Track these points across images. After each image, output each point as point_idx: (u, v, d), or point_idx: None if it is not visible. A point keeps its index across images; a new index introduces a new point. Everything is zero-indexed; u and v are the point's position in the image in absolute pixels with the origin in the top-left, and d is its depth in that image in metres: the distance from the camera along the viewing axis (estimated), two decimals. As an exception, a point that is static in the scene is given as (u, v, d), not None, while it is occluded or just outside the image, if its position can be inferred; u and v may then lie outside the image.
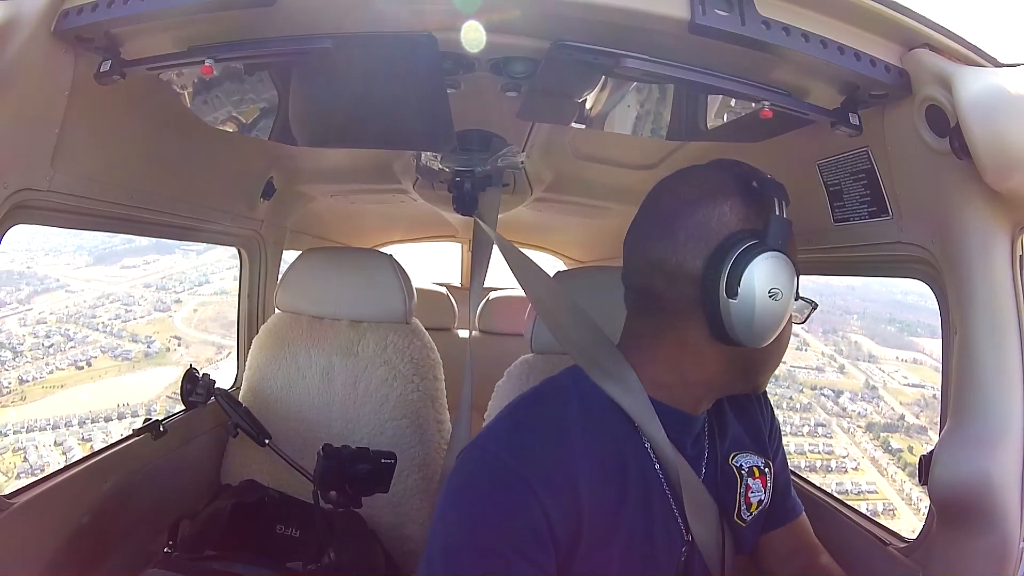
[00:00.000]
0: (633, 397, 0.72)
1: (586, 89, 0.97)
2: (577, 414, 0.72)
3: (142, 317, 8.43)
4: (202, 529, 1.27)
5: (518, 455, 0.66)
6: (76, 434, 7.01)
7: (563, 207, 2.00)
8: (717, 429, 0.80)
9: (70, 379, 7.67)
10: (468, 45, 0.77)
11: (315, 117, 1.12)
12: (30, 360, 7.67)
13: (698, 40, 0.70)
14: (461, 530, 0.65)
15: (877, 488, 7.09)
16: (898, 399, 8.15)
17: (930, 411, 7.95)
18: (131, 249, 8.65)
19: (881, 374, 8.46)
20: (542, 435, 0.69)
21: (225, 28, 0.80)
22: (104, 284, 8.72)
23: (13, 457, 6.83)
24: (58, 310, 8.26)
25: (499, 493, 0.65)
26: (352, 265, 1.66)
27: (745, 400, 0.86)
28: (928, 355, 8.40)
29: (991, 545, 0.70)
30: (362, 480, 1.23)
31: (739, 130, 0.99)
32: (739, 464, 0.80)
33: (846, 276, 1.15)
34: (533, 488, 0.64)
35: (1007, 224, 0.71)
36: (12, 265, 8.08)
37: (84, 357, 7.86)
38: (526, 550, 0.63)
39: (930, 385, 8.08)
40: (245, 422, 1.44)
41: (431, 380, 1.59)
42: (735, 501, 0.79)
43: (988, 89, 0.65)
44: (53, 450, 6.86)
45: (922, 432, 7.85)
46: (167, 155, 1.21)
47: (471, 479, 0.68)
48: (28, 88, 0.81)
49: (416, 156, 1.55)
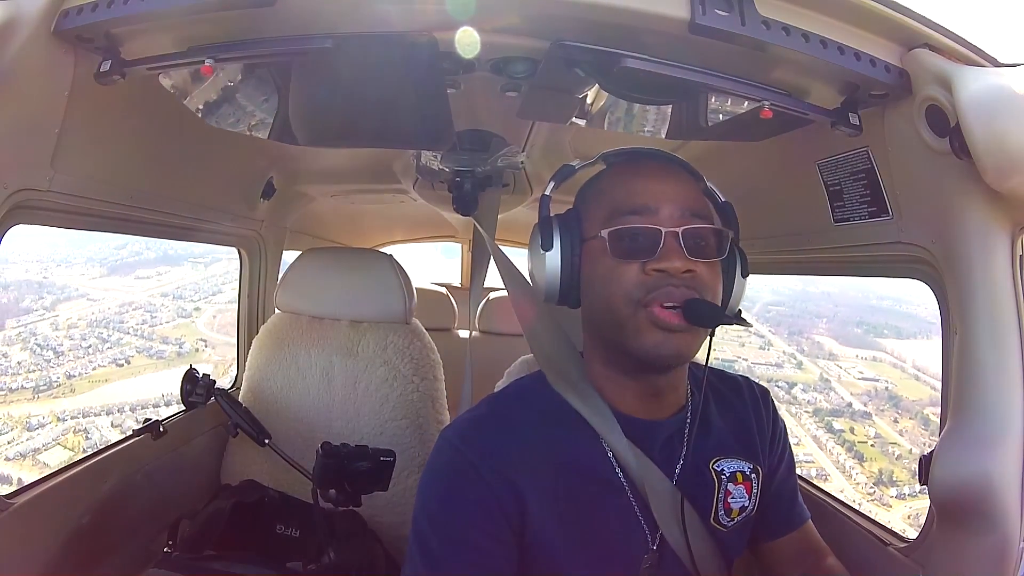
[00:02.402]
0: (591, 406, 0.76)
1: (586, 88, 0.97)
2: (533, 413, 0.78)
3: (167, 322, 9.43)
4: (202, 529, 1.27)
5: (468, 442, 0.74)
6: (130, 417, 8.03)
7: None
8: (699, 432, 0.79)
9: (113, 375, 8.65)
10: (463, 50, 0.78)
11: (315, 117, 1.12)
12: (72, 359, 8.69)
13: (698, 40, 0.70)
14: (425, 515, 0.74)
15: (814, 459, 8.00)
16: (849, 390, 9.07)
17: (878, 400, 9.06)
18: (141, 261, 9.61)
19: (838, 370, 9.34)
20: (491, 426, 0.77)
21: (225, 28, 0.80)
22: (122, 293, 9.69)
23: (75, 437, 7.91)
24: (86, 316, 9.26)
25: (452, 477, 0.74)
26: (352, 265, 1.66)
27: (739, 404, 0.86)
28: (888, 353, 9.36)
29: (991, 545, 0.70)
30: (361, 478, 1.23)
31: (739, 130, 0.99)
32: (720, 468, 0.80)
33: (846, 276, 1.15)
34: (478, 469, 0.72)
35: (1007, 224, 0.71)
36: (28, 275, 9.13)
37: (123, 356, 8.88)
38: (480, 524, 0.71)
39: (884, 379, 9.14)
40: (245, 422, 1.44)
41: (431, 380, 1.59)
42: (712, 504, 0.79)
43: (988, 89, 0.65)
44: (112, 430, 7.86)
45: (866, 417, 8.82)
46: (167, 155, 1.21)
47: (432, 466, 0.77)
48: (28, 88, 0.81)
49: (416, 156, 1.55)
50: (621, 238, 0.72)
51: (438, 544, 0.72)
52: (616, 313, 0.72)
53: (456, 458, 0.74)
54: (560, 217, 0.80)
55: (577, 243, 0.77)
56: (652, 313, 0.69)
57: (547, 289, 0.78)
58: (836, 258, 1.07)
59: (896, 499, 8.09)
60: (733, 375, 0.91)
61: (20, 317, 8.82)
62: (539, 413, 0.78)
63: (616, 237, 0.72)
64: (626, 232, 0.72)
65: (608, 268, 0.73)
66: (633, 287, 0.70)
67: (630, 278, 0.71)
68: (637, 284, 0.70)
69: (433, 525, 0.73)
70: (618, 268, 0.72)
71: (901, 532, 0.96)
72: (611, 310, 0.72)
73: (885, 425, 8.88)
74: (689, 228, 0.71)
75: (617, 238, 0.72)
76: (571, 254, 0.76)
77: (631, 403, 0.78)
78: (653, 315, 0.69)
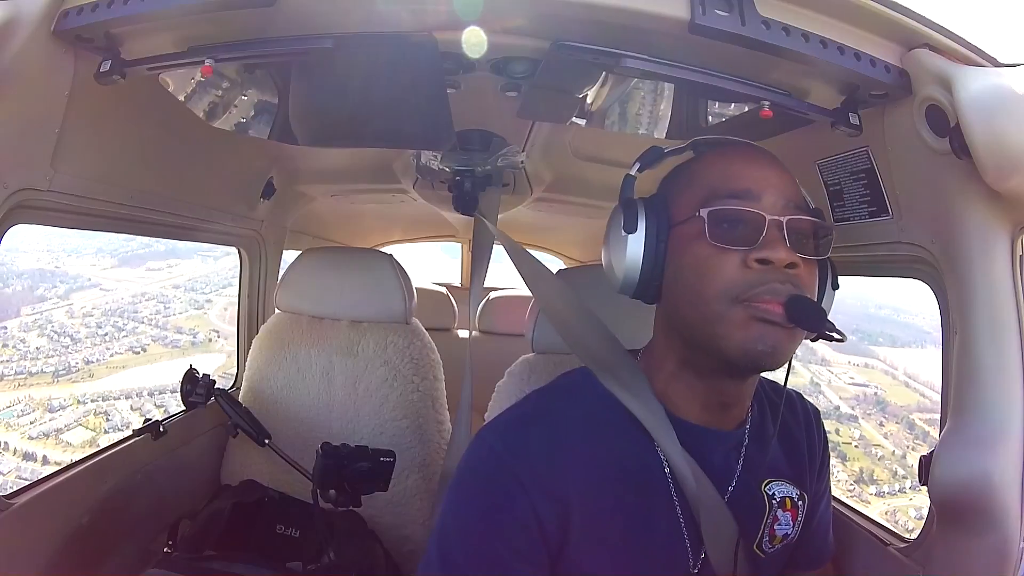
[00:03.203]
0: (642, 403, 0.70)
1: (586, 87, 0.97)
2: (581, 413, 0.71)
3: (180, 313, 9.77)
4: (202, 529, 1.28)
5: (511, 447, 0.67)
6: (149, 401, 8.41)
7: (563, 207, 2.00)
8: (756, 450, 0.73)
9: (129, 362, 9.02)
10: (469, 50, 0.77)
11: (315, 117, 1.12)
12: (89, 346, 9.07)
13: (698, 40, 0.70)
14: (455, 521, 0.67)
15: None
16: (839, 395, 9.33)
17: (866, 404, 9.38)
18: (151, 253, 9.91)
19: (829, 375, 9.53)
20: (539, 429, 0.69)
21: (225, 28, 0.80)
22: (134, 284, 10.08)
23: (96, 419, 8.31)
24: (100, 305, 9.65)
25: (490, 486, 0.66)
26: (352, 265, 1.66)
27: (794, 425, 0.81)
28: (881, 360, 9.66)
29: (991, 545, 0.70)
30: (361, 478, 1.23)
31: (739, 130, 0.99)
32: (771, 492, 0.74)
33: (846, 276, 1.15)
34: (521, 481, 0.65)
35: (1007, 224, 0.71)
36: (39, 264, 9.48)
37: (139, 344, 9.26)
38: (513, 543, 0.64)
39: (874, 385, 9.44)
40: (245, 422, 1.44)
41: (431, 380, 1.59)
42: (759, 530, 0.73)
43: (988, 89, 0.65)
44: (132, 413, 8.32)
45: (852, 420, 9.11)
46: (167, 155, 1.20)
47: (466, 470, 0.69)
48: (28, 88, 0.81)
49: (416, 156, 1.55)
50: (720, 221, 0.63)
51: (463, 556, 0.65)
52: (709, 308, 0.63)
53: (496, 465, 0.66)
54: (646, 199, 0.72)
55: (664, 227, 0.68)
56: (752, 307, 0.61)
57: (625, 277, 0.69)
58: (836, 258, 1.07)
59: (875, 496, 8.39)
60: (787, 388, 0.80)
61: (35, 305, 9.14)
62: (587, 413, 0.71)
63: (716, 219, 0.64)
64: (727, 214, 0.64)
65: (703, 257, 0.64)
66: (732, 282, 0.62)
67: (729, 271, 0.63)
68: (736, 279, 0.62)
69: (461, 535, 0.66)
70: (715, 257, 0.63)
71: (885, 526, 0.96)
72: (702, 304, 0.64)
73: (871, 428, 9.13)
74: (793, 219, 0.64)
75: (716, 220, 0.63)
76: (657, 239, 0.68)
77: (693, 410, 0.71)
78: (753, 308, 0.61)
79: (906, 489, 8.53)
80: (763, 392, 0.79)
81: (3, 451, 8.03)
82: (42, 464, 7.97)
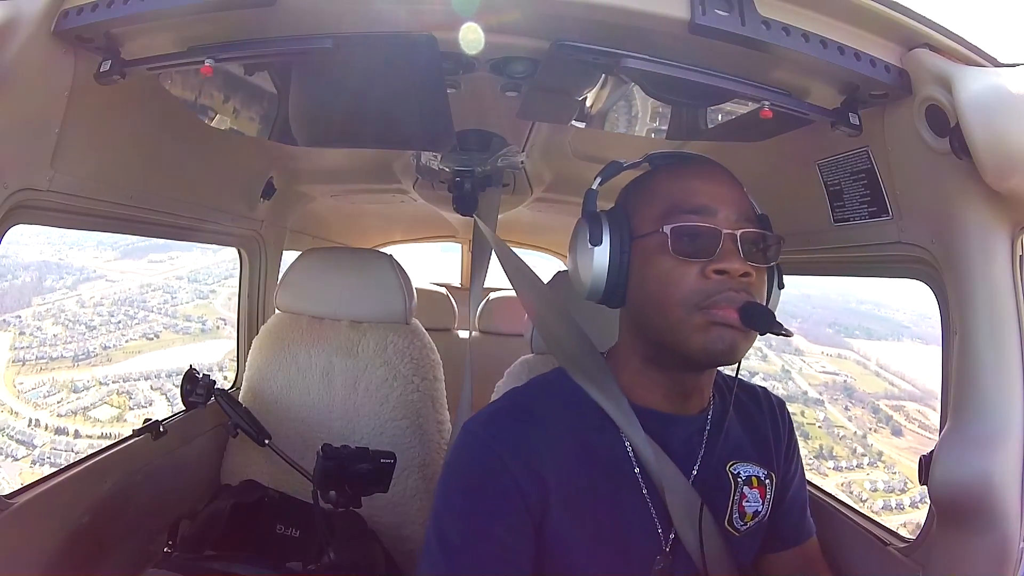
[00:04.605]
0: (607, 394, 0.77)
1: (586, 89, 0.97)
2: (553, 403, 0.79)
3: (188, 302, 10.36)
4: (202, 529, 1.27)
5: (492, 432, 0.75)
6: (168, 381, 9.02)
7: (563, 207, 2.00)
8: (719, 434, 0.79)
9: (144, 347, 9.67)
10: (467, 46, 0.77)
11: (315, 117, 1.12)
12: (104, 333, 9.71)
13: (698, 40, 0.70)
14: (446, 506, 0.74)
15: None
16: (808, 382, 10.07)
17: (834, 390, 10.09)
18: (152, 246, 10.44)
19: (801, 363, 10.28)
20: (513, 415, 0.78)
21: (225, 28, 0.80)
22: (139, 276, 10.63)
23: (119, 398, 8.98)
24: (108, 295, 10.23)
25: (474, 468, 0.74)
26: (352, 265, 1.66)
27: (756, 411, 0.87)
28: (855, 352, 10.45)
29: (991, 545, 0.70)
30: (362, 480, 1.23)
31: (739, 130, 0.99)
32: (737, 471, 0.81)
33: (845, 276, 1.15)
34: (503, 460, 0.72)
35: (1007, 224, 0.71)
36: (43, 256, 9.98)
37: (152, 331, 9.89)
38: (503, 518, 0.71)
39: (844, 374, 10.19)
40: (245, 422, 1.45)
41: (431, 380, 1.59)
42: (727, 507, 0.79)
43: (988, 89, 0.65)
44: (153, 392, 8.99)
45: (818, 404, 9.88)
46: (167, 155, 1.21)
47: (456, 458, 0.76)
48: (28, 88, 0.81)
49: (416, 156, 1.55)
50: (682, 235, 0.70)
51: (458, 535, 0.71)
52: (672, 313, 0.70)
53: (481, 449, 0.74)
54: (608, 213, 0.78)
55: (627, 240, 0.75)
56: (711, 313, 0.68)
57: (592, 286, 0.76)
58: (836, 258, 1.07)
59: (833, 471, 9.19)
60: (752, 384, 0.92)
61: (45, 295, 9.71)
62: (560, 405, 0.78)
63: (678, 234, 0.70)
64: (687, 230, 0.70)
65: (666, 268, 0.71)
66: (692, 291, 0.69)
67: (690, 281, 0.69)
68: (696, 288, 0.69)
69: (455, 517, 0.72)
70: (677, 269, 0.70)
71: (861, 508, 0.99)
72: (665, 311, 0.70)
73: (836, 411, 9.90)
74: (747, 232, 0.71)
75: (678, 235, 0.70)
76: (621, 251, 0.74)
77: (656, 399, 0.78)
78: (711, 314, 0.68)
79: (864, 465, 9.36)
80: (723, 383, 0.86)
81: (36, 427, 8.59)
82: (74, 437, 8.53)
